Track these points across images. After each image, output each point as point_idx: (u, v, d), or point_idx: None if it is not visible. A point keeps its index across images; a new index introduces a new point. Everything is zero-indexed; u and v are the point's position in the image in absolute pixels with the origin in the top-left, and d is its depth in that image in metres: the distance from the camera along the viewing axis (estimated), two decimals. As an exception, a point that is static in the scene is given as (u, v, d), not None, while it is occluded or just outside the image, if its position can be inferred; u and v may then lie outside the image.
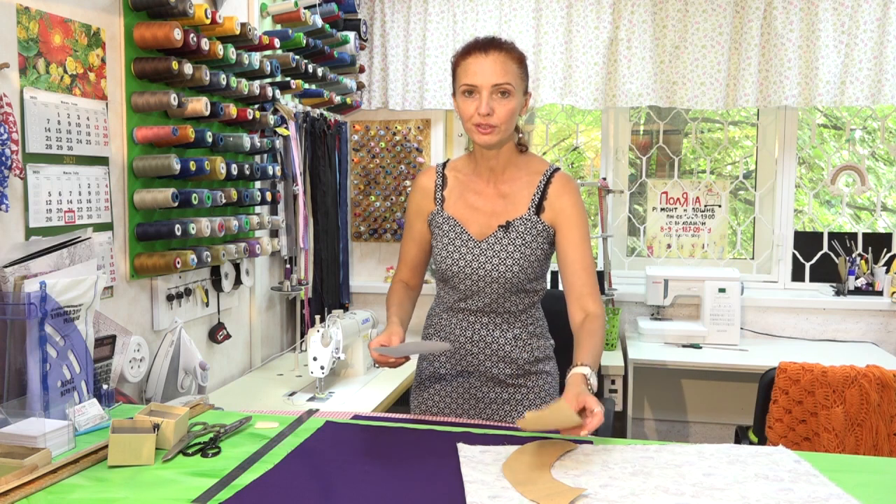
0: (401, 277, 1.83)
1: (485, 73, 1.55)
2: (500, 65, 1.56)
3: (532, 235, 1.65)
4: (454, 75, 1.63)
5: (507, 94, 1.57)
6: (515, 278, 1.65)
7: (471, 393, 1.75)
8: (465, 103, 1.59)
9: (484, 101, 1.55)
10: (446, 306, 1.76)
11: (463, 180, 1.74)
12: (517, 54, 1.60)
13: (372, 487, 1.22)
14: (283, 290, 2.89)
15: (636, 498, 1.15)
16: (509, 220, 1.66)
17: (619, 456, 1.34)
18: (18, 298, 1.49)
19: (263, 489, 1.22)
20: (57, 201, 1.80)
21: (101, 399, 1.66)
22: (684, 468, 1.27)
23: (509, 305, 1.70)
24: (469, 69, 1.57)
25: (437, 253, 1.72)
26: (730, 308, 3.14)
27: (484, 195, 1.70)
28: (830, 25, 3.07)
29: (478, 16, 3.35)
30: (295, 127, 2.86)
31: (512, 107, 1.58)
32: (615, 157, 3.60)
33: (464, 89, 1.58)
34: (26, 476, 1.21)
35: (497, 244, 1.65)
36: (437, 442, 1.44)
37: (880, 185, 4.04)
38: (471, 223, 1.69)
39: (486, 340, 1.71)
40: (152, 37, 2.04)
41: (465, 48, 1.61)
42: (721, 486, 1.19)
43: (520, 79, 1.60)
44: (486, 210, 1.69)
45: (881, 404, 2.17)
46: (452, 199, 1.73)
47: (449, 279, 1.71)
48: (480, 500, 1.15)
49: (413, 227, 1.81)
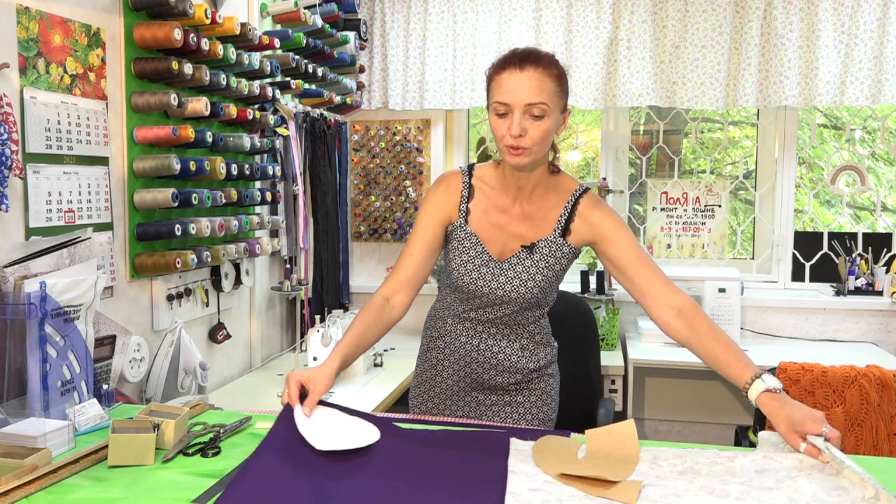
0: (386, 292, 1.61)
1: (518, 92, 1.43)
2: (536, 82, 1.43)
3: (556, 258, 1.59)
4: (488, 90, 1.51)
5: (541, 115, 1.44)
6: (534, 298, 1.60)
7: (472, 396, 1.73)
8: (496, 122, 1.47)
9: (516, 122, 1.43)
10: (453, 313, 1.70)
11: (489, 194, 1.63)
12: (556, 70, 1.47)
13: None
14: (283, 290, 2.89)
15: (678, 499, 1.13)
16: (534, 242, 1.58)
17: (670, 452, 1.31)
18: (18, 298, 1.49)
19: (252, 484, 1.21)
20: (57, 201, 1.80)
21: (101, 399, 1.66)
22: (737, 461, 1.23)
23: (521, 319, 1.66)
24: (502, 85, 1.45)
25: (455, 269, 1.63)
26: (730, 308, 3.14)
27: (509, 214, 1.61)
28: (830, 25, 3.07)
29: (478, 16, 3.35)
30: (295, 127, 2.86)
31: (546, 128, 1.45)
32: (615, 157, 3.60)
33: (496, 108, 1.47)
34: (26, 476, 1.21)
35: (519, 265, 1.59)
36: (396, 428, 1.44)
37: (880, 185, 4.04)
38: (492, 242, 1.61)
39: (493, 350, 1.67)
40: (152, 37, 2.04)
41: (501, 61, 1.49)
42: (770, 484, 1.15)
43: (557, 97, 1.47)
44: (510, 231, 1.61)
45: (881, 404, 2.17)
46: (477, 214, 1.62)
47: (463, 292, 1.64)
48: (520, 490, 1.16)
49: (427, 230, 1.64)
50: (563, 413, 1.90)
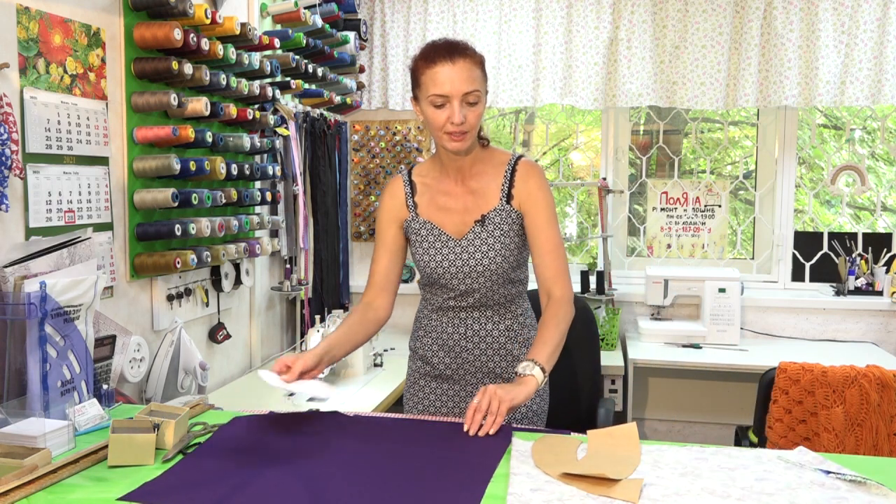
0: (366, 299, 1.78)
1: (454, 83, 1.55)
2: (468, 72, 1.56)
3: (508, 225, 1.68)
4: (417, 82, 1.62)
5: (475, 101, 1.58)
6: (500, 269, 1.67)
7: (467, 391, 1.75)
8: (434, 113, 1.59)
9: (457, 111, 1.56)
10: (435, 307, 1.77)
11: (431, 184, 1.75)
12: (479, 58, 1.61)
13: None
14: (283, 290, 2.89)
15: (679, 498, 1.14)
16: (484, 214, 1.68)
17: (671, 457, 1.32)
18: (18, 298, 1.49)
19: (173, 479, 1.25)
20: (57, 201, 1.80)
21: (101, 399, 1.66)
22: (737, 471, 1.25)
23: (497, 297, 1.72)
24: (437, 78, 1.56)
25: (420, 258, 1.72)
26: (730, 308, 3.14)
27: (454, 195, 1.72)
28: (830, 25, 3.07)
29: (478, 16, 3.35)
30: (295, 127, 2.86)
31: (480, 111, 1.60)
32: (615, 157, 3.60)
33: (433, 100, 1.58)
34: (26, 476, 1.21)
35: (476, 239, 1.67)
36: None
37: (880, 185, 4.04)
38: (446, 224, 1.71)
39: (480, 334, 1.73)
40: (152, 37, 2.04)
41: (427, 54, 1.59)
42: (771, 490, 1.17)
43: (483, 83, 1.62)
44: (459, 208, 1.71)
45: (881, 404, 2.17)
46: (424, 204, 1.74)
47: (435, 281, 1.72)
48: (521, 491, 1.16)
49: (385, 235, 1.77)
50: (564, 413, 1.91)
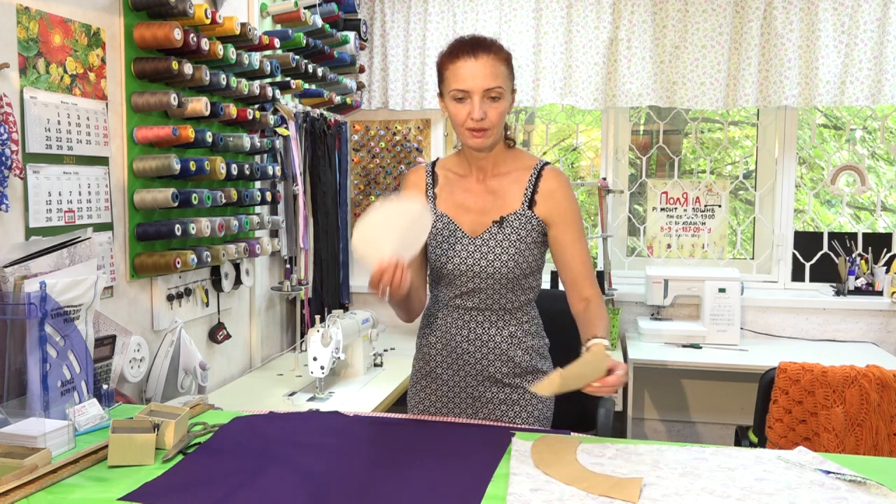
0: None
1: (476, 78, 1.55)
2: (490, 68, 1.55)
3: (526, 230, 1.67)
4: (441, 77, 1.62)
5: (498, 97, 1.57)
6: (511, 273, 1.66)
7: (468, 392, 1.74)
8: (456, 108, 1.59)
9: (477, 107, 1.56)
10: (442, 304, 1.76)
11: (453, 179, 1.74)
12: (504, 55, 1.60)
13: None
14: (283, 290, 2.89)
15: (679, 498, 1.14)
16: (503, 216, 1.67)
17: (671, 457, 1.32)
18: (18, 298, 1.49)
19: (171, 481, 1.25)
20: (57, 201, 1.80)
21: (101, 399, 1.66)
22: (737, 471, 1.26)
23: (504, 302, 1.70)
24: (459, 74, 1.56)
25: (431, 251, 1.72)
26: (730, 308, 3.14)
27: (474, 192, 1.71)
28: (830, 25, 3.07)
29: (478, 16, 3.35)
30: (295, 127, 2.86)
31: (503, 109, 1.59)
32: (615, 157, 3.60)
33: (454, 94, 1.58)
34: (26, 476, 1.21)
35: (492, 240, 1.66)
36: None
37: (880, 184, 4.04)
38: (463, 220, 1.70)
39: (483, 339, 1.71)
40: (152, 37, 2.04)
41: (452, 50, 1.60)
42: (771, 490, 1.17)
43: (508, 80, 1.61)
44: (478, 207, 1.70)
45: (881, 404, 2.17)
46: (444, 197, 1.73)
47: (444, 276, 1.71)
48: (521, 491, 1.16)
49: None
50: (564, 413, 1.90)
